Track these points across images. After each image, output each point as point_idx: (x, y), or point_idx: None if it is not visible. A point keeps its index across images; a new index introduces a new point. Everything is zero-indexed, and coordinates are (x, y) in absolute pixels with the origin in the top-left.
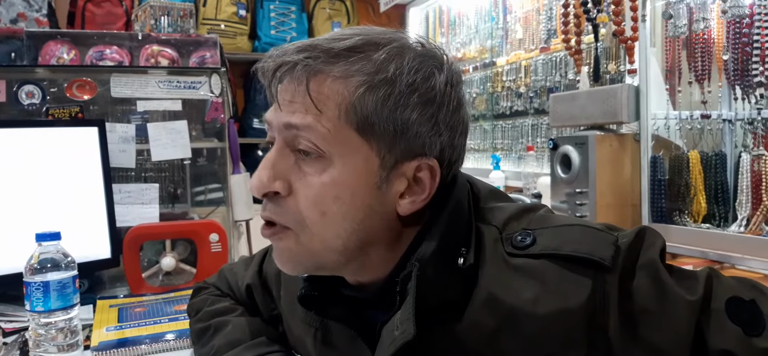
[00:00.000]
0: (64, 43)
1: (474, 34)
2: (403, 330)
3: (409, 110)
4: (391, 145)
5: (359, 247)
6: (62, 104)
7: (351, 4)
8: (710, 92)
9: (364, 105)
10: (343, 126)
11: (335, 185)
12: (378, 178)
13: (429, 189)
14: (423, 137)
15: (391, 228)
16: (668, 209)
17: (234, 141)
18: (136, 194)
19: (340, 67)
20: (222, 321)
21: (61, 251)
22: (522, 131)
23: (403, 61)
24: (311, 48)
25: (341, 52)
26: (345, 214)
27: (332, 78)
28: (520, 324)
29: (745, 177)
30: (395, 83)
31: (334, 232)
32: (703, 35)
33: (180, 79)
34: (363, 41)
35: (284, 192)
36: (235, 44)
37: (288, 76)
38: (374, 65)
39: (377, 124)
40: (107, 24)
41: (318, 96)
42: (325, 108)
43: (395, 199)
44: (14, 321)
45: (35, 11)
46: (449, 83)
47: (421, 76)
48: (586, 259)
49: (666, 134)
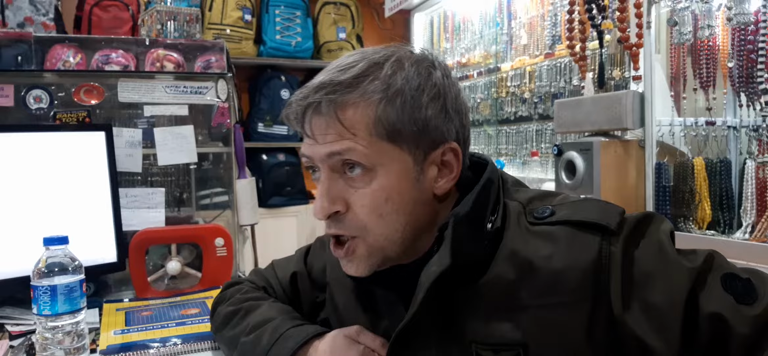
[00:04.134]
0: (70, 47)
1: (479, 39)
2: (440, 263)
3: (424, 109)
4: (418, 142)
5: (413, 234)
6: (69, 108)
7: (356, 9)
8: (715, 98)
9: (387, 117)
10: (376, 140)
11: (383, 190)
12: (415, 173)
13: (457, 167)
14: (440, 127)
15: (432, 210)
16: (673, 215)
17: (239, 146)
18: (142, 198)
19: (357, 93)
20: (254, 304)
21: (69, 255)
22: (526, 136)
23: (405, 70)
24: (327, 85)
25: (353, 81)
26: (397, 210)
27: (354, 105)
28: (535, 276)
29: (749, 184)
30: (405, 91)
31: (393, 227)
32: (708, 42)
33: (187, 84)
34: (367, 65)
35: (343, 209)
36: (241, 49)
37: (316, 114)
38: (384, 82)
39: (402, 129)
40: (114, 28)
41: (347, 122)
42: (356, 130)
43: (431, 185)
44: (21, 325)
45: (42, 15)
46: (445, 75)
47: (423, 77)
48: (595, 223)
49: (671, 140)
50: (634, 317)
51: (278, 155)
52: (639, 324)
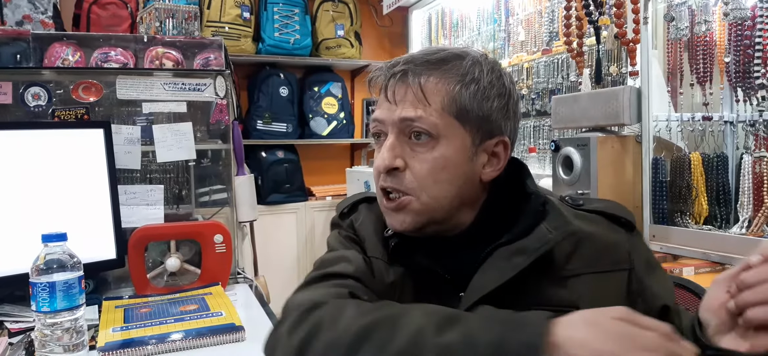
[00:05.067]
0: (69, 45)
1: (476, 36)
2: (562, 229)
3: (491, 102)
4: (479, 127)
5: (458, 205)
6: (68, 105)
7: (354, 7)
8: (712, 93)
9: (460, 98)
10: (446, 115)
11: (443, 158)
12: (470, 153)
13: (504, 160)
14: (499, 121)
15: (476, 191)
16: (670, 210)
17: (238, 143)
18: (141, 195)
19: (439, 72)
20: (393, 312)
21: (67, 252)
22: (524, 132)
23: (482, 67)
24: (414, 60)
25: (437, 62)
26: (451, 180)
27: (435, 79)
28: (585, 246)
29: (746, 179)
30: (480, 82)
31: (443, 193)
32: (705, 37)
33: (185, 81)
34: (450, 54)
35: (402, 167)
36: (239, 46)
37: (400, 82)
38: (464, 69)
39: (470, 112)
40: (112, 26)
41: (427, 93)
42: (432, 101)
43: (480, 169)
44: (20, 322)
45: (41, 13)
46: (512, 82)
47: (496, 76)
48: (622, 218)
49: (667, 135)
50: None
51: (277, 153)
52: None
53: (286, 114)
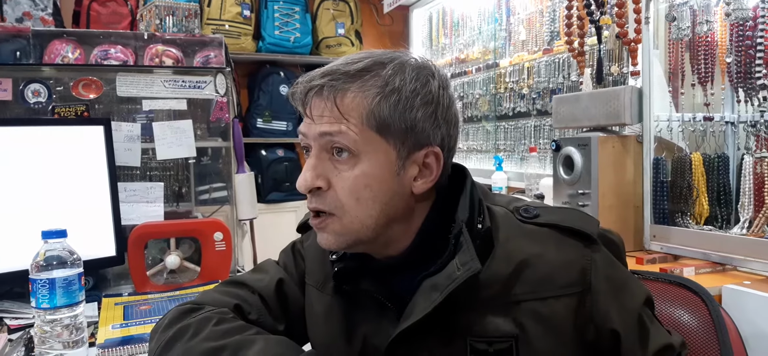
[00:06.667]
0: (69, 42)
1: (477, 35)
2: (468, 267)
3: (415, 111)
4: (404, 139)
5: (386, 223)
6: (68, 102)
7: (355, 5)
8: (713, 94)
9: (380, 111)
10: (366, 129)
11: (365, 176)
12: (396, 167)
13: (436, 171)
14: (427, 131)
15: (408, 206)
16: (670, 210)
17: (238, 141)
18: (141, 192)
19: (357, 84)
20: (243, 339)
21: (67, 249)
22: (525, 132)
23: (405, 74)
24: (332, 72)
25: (356, 73)
26: (374, 198)
27: (353, 93)
28: (528, 271)
29: (747, 179)
30: (402, 91)
31: (367, 213)
32: (706, 38)
33: (185, 78)
34: (372, 62)
35: (325, 187)
36: (240, 44)
37: (317, 97)
38: (384, 80)
39: (392, 125)
40: (112, 23)
41: (343, 109)
42: (350, 117)
43: (411, 182)
44: (19, 318)
45: (41, 10)
46: (442, 86)
47: (420, 83)
48: (580, 231)
49: (669, 136)
50: (608, 308)
51: (277, 151)
52: (616, 317)
53: (286, 112)
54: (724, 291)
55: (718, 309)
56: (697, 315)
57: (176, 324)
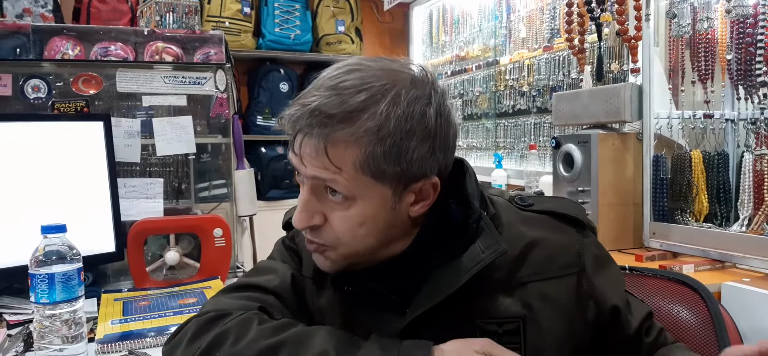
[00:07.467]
0: (69, 39)
1: (477, 33)
2: (494, 249)
3: (411, 152)
4: (400, 178)
5: (382, 246)
6: (68, 98)
7: (355, 3)
8: (713, 91)
9: (375, 158)
10: (360, 176)
11: (359, 216)
12: (392, 202)
13: (433, 196)
14: (424, 166)
15: (404, 228)
16: (670, 208)
17: (238, 137)
18: (140, 188)
19: (348, 131)
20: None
21: (67, 244)
22: (524, 129)
23: (400, 108)
24: (321, 112)
25: (348, 116)
26: (369, 233)
27: (345, 143)
28: (532, 254)
29: (747, 177)
30: (396, 133)
31: (363, 245)
32: (707, 35)
33: (185, 74)
34: (366, 98)
35: (321, 222)
36: (240, 42)
37: (307, 139)
38: (377, 122)
39: (387, 169)
40: (112, 20)
41: (336, 159)
42: (343, 166)
43: (407, 208)
44: (18, 313)
45: (41, 7)
46: (439, 113)
47: (416, 119)
48: (573, 217)
49: (668, 133)
50: (603, 285)
51: (277, 148)
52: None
53: None
54: (723, 288)
55: (717, 306)
56: (696, 312)
57: (205, 334)
